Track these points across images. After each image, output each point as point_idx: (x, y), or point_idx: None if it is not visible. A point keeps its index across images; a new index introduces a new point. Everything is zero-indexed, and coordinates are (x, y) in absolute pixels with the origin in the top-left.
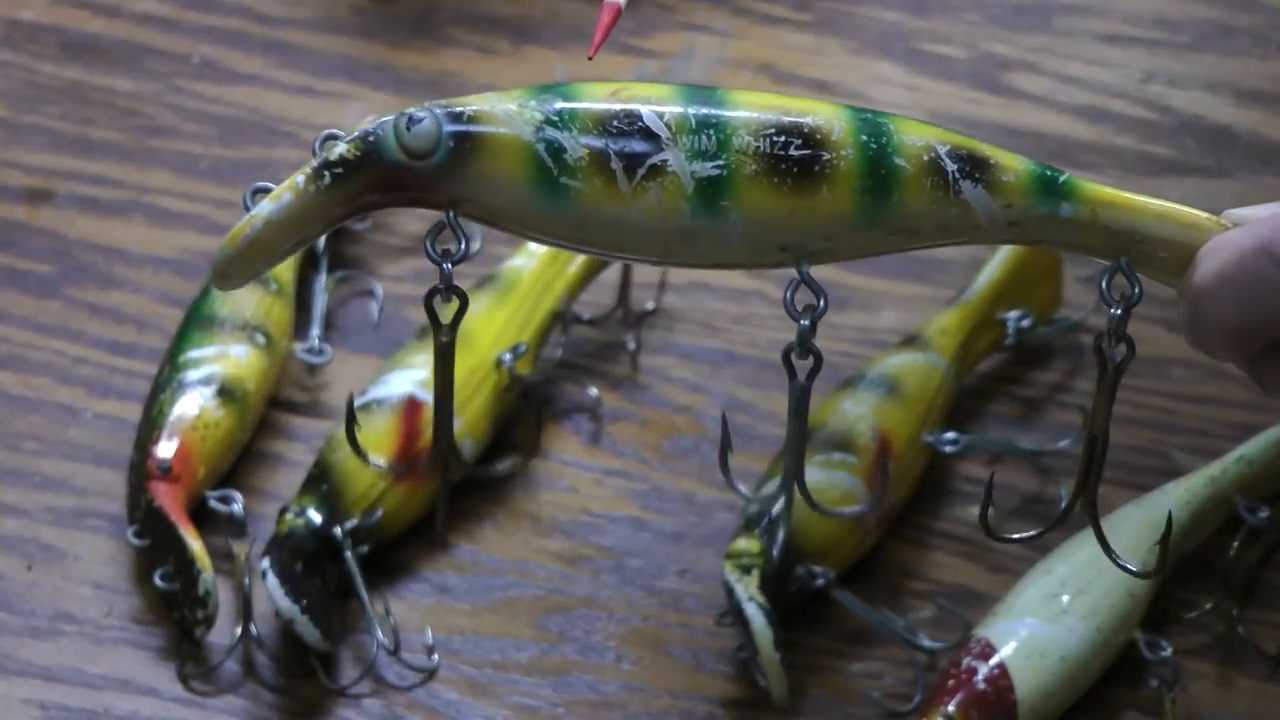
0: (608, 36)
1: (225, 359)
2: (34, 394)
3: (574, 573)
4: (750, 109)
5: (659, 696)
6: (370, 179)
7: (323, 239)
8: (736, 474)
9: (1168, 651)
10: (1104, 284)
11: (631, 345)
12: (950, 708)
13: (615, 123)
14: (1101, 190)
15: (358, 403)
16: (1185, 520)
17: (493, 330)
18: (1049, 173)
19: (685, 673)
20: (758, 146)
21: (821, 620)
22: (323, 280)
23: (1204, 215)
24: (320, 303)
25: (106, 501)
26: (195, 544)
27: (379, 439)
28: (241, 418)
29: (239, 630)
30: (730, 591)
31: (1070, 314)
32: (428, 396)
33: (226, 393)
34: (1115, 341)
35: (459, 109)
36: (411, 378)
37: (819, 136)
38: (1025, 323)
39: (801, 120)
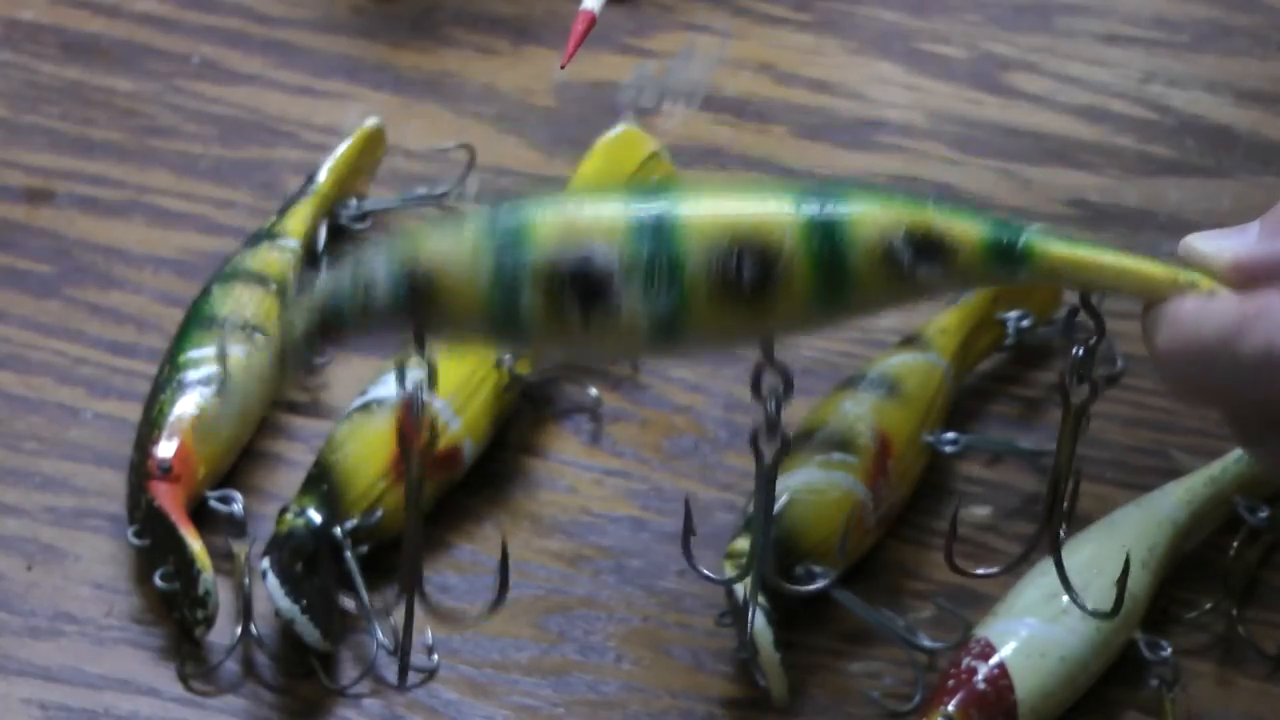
0: (581, 45)
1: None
2: (34, 394)
3: (574, 573)
4: (700, 231)
5: (659, 696)
6: (330, 339)
7: (323, 239)
8: (737, 474)
9: (1168, 651)
10: (1064, 324)
11: None
12: (950, 707)
13: (569, 269)
14: (1058, 253)
15: (357, 402)
16: (1185, 520)
17: None
18: (1006, 241)
19: (685, 673)
20: (709, 274)
21: (821, 620)
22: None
23: (1162, 272)
24: None
25: (106, 501)
26: (195, 544)
27: (379, 439)
28: (242, 418)
29: (239, 630)
30: (730, 591)
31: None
32: (429, 396)
33: (227, 393)
34: (1079, 380)
35: (412, 268)
36: (413, 378)
37: (770, 252)
38: (1025, 323)
39: (753, 236)
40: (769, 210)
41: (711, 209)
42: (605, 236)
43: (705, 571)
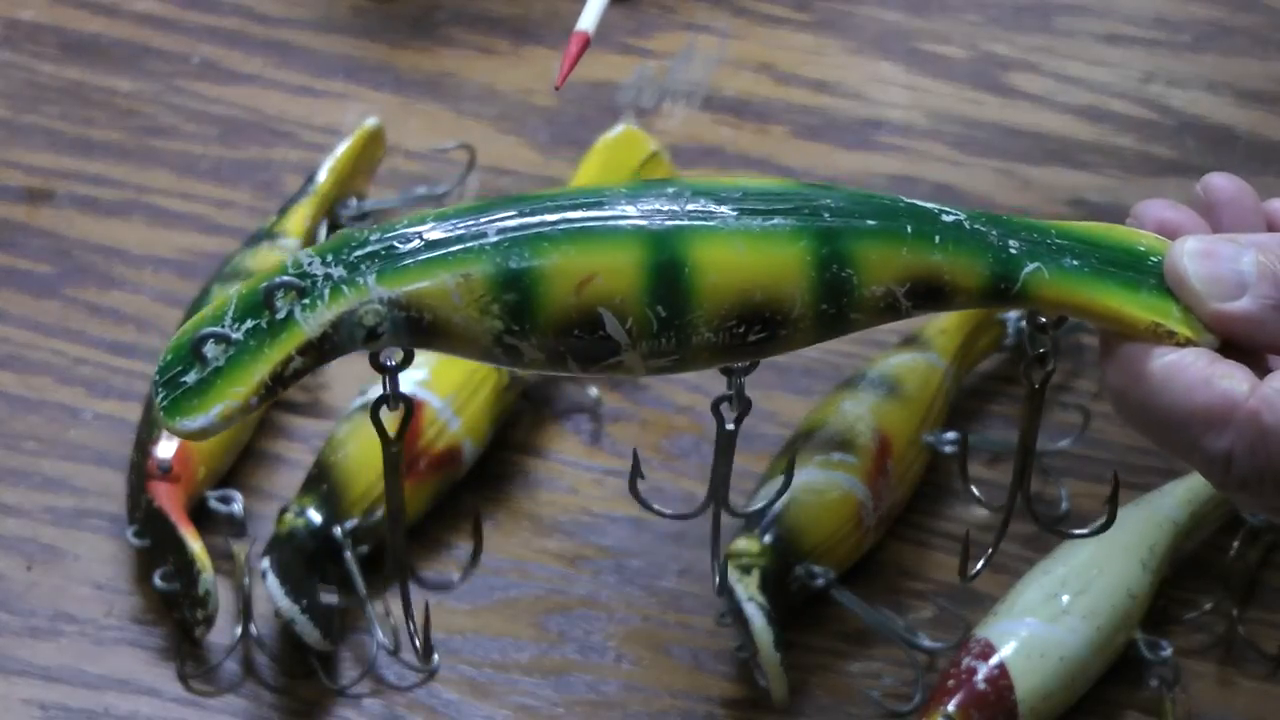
0: (575, 65)
1: None
2: (34, 394)
3: (574, 573)
4: (715, 298)
5: (659, 696)
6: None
7: (323, 239)
8: (738, 474)
9: (1168, 652)
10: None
11: None
12: (950, 708)
13: (577, 332)
14: (1050, 297)
15: (356, 402)
16: (1185, 520)
17: None
18: (1003, 285)
19: (685, 673)
20: (715, 341)
21: (821, 620)
22: None
23: (1145, 319)
24: None
25: (106, 501)
26: (195, 544)
27: (379, 440)
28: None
29: (239, 630)
30: (730, 591)
31: None
32: (429, 396)
33: None
34: (1040, 363)
35: (417, 314)
36: (412, 378)
37: (779, 318)
38: (1025, 323)
39: (765, 305)
40: (785, 270)
41: (727, 265)
42: (619, 301)
43: (656, 506)
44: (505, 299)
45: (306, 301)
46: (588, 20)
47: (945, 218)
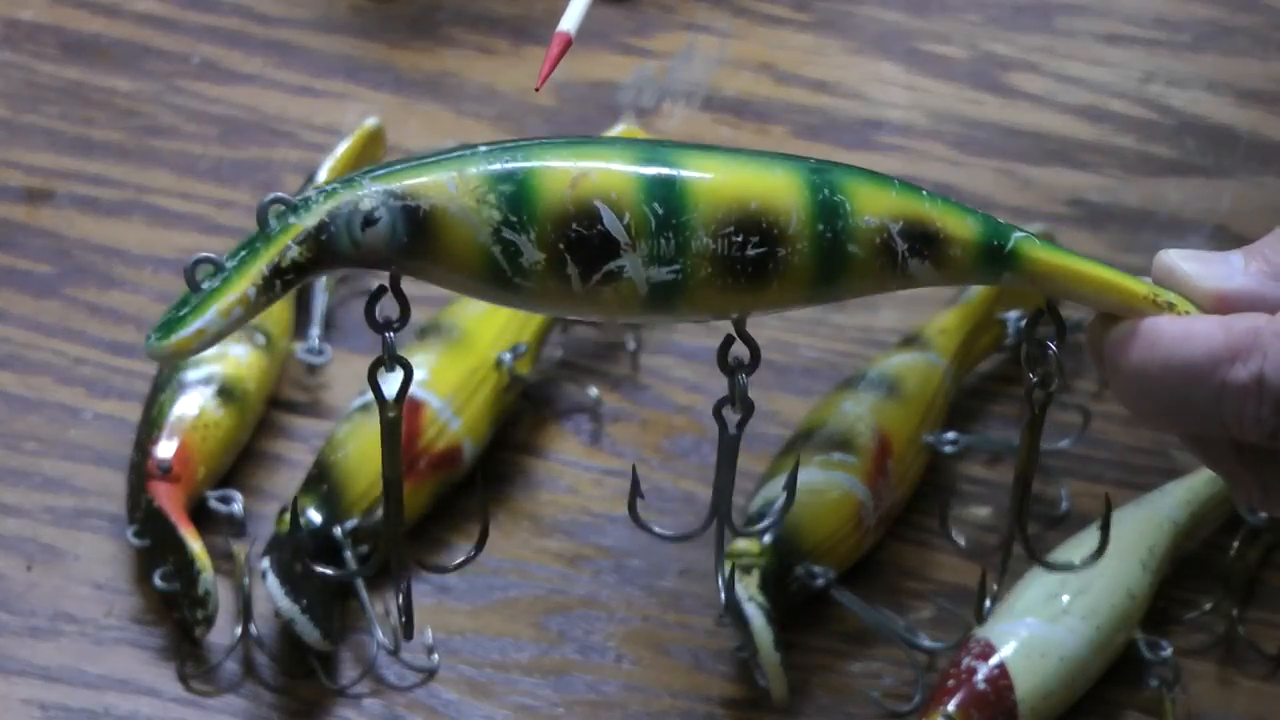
0: (556, 66)
1: (225, 359)
2: (34, 394)
3: (574, 573)
4: (711, 201)
5: (659, 696)
6: (319, 271)
7: None
8: (738, 474)
9: (1168, 651)
10: (1028, 327)
11: (631, 345)
12: (950, 708)
13: (575, 225)
14: (1044, 260)
15: (356, 403)
16: (1185, 520)
17: (493, 330)
18: (995, 242)
19: (685, 673)
20: (715, 249)
21: (821, 620)
22: (323, 280)
23: (1142, 290)
24: (320, 303)
25: (106, 501)
26: (195, 544)
27: (379, 439)
28: (241, 418)
29: (239, 630)
30: (729, 590)
31: (1071, 314)
32: (428, 396)
33: (226, 393)
34: (1042, 387)
35: (414, 203)
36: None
37: (776, 231)
38: (1025, 323)
39: (761, 214)
40: (779, 185)
41: (721, 172)
42: (615, 196)
43: (657, 529)
44: (501, 189)
45: (302, 210)
46: (570, 21)
47: (929, 191)
